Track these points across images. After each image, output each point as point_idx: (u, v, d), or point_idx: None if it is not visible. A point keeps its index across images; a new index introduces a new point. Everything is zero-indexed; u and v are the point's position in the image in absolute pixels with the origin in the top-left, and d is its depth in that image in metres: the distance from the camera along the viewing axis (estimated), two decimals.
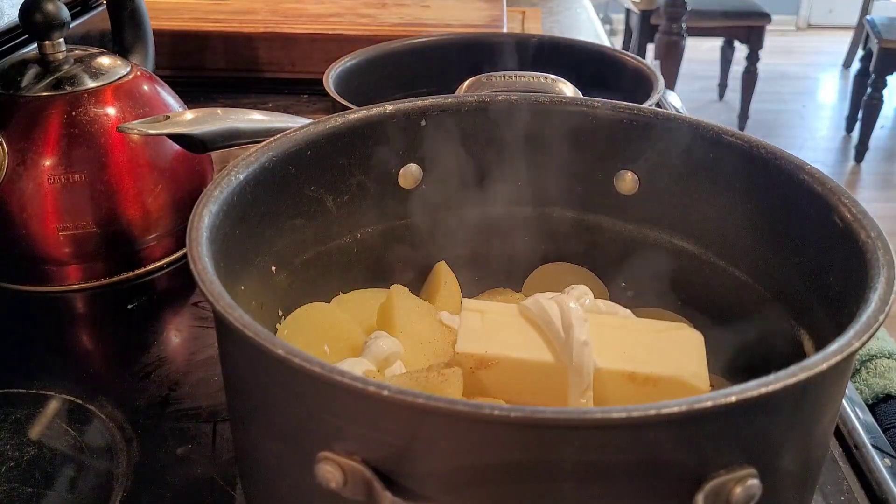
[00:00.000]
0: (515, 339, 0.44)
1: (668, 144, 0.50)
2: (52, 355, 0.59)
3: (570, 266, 0.57)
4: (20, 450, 0.50)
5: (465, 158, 0.54)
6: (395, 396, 0.29)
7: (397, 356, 0.48)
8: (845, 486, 0.49)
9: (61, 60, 0.66)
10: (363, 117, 0.50)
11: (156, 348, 0.59)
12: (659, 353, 0.44)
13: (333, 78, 0.71)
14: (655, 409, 0.28)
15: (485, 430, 0.29)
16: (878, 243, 0.38)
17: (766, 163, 0.46)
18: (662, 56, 2.84)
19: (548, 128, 0.53)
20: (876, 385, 0.72)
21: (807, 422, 0.33)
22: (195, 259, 0.36)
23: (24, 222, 0.63)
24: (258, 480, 0.39)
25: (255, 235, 0.45)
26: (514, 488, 0.30)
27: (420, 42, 0.81)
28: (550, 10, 1.43)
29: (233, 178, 0.43)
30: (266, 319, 0.48)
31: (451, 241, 0.56)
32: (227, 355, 0.38)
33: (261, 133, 0.55)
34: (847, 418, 0.54)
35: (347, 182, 0.51)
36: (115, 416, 0.52)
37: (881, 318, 0.33)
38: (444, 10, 1.14)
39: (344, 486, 0.31)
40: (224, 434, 0.51)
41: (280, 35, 1.05)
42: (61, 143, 0.62)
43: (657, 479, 0.30)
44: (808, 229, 0.43)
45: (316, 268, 0.51)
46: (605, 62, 0.78)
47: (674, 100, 1.11)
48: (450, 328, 0.51)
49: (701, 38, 3.51)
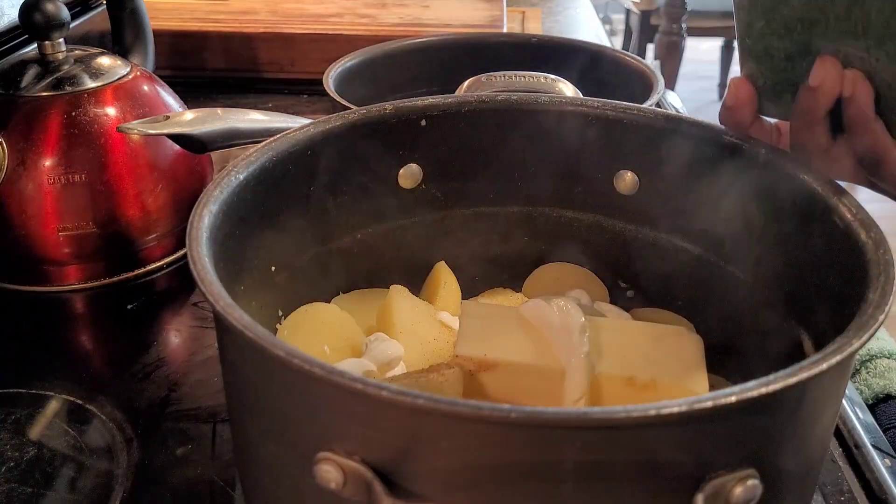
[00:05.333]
0: (514, 342, 0.44)
1: (669, 144, 0.50)
2: (52, 355, 0.59)
3: (570, 266, 0.57)
4: (20, 450, 0.50)
5: (464, 158, 0.54)
6: (395, 397, 0.29)
7: (399, 360, 0.48)
8: (845, 486, 0.49)
9: (61, 60, 0.66)
10: (363, 117, 0.50)
11: (155, 348, 0.59)
12: (658, 358, 0.44)
13: (333, 78, 0.71)
14: (655, 410, 0.28)
15: (485, 431, 0.29)
16: (878, 243, 0.38)
17: (767, 163, 0.46)
18: (662, 56, 2.84)
19: (548, 128, 0.53)
20: (876, 385, 0.72)
21: (807, 422, 0.33)
22: (195, 259, 0.36)
23: (24, 222, 0.63)
24: (258, 480, 0.39)
25: (255, 235, 0.45)
26: (515, 489, 0.30)
27: (420, 42, 0.81)
28: (550, 10, 1.43)
29: (233, 178, 0.43)
30: (266, 319, 0.48)
31: (451, 241, 0.56)
32: (227, 355, 0.38)
33: (261, 133, 0.55)
34: (847, 418, 0.54)
35: (347, 182, 0.51)
36: (115, 416, 0.52)
37: (881, 318, 0.33)
38: (444, 10, 1.14)
39: (344, 486, 0.31)
40: (224, 434, 0.51)
41: (280, 35, 1.05)
42: (61, 144, 0.62)
43: (657, 479, 0.30)
44: (808, 229, 0.43)
45: (316, 268, 0.51)
46: (605, 62, 0.78)
47: (674, 100, 1.11)
48: (450, 329, 0.51)
49: (701, 38, 3.51)
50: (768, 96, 0.47)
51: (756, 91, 0.47)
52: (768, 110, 0.48)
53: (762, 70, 0.47)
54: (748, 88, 0.47)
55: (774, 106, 0.47)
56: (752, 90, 0.47)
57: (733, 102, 0.47)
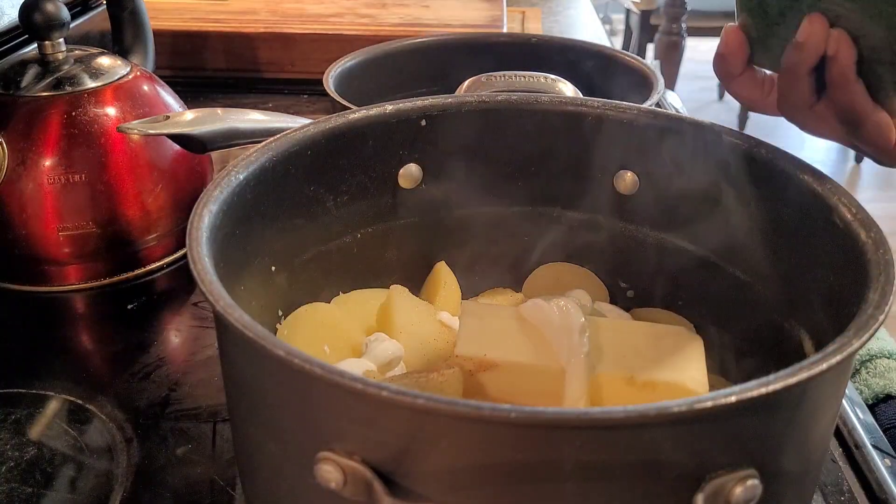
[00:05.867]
0: (514, 342, 0.44)
1: (669, 144, 0.50)
2: (52, 355, 0.59)
3: (570, 266, 0.57)
4: (20, 450, 0.50)
5: (464, 158, 0.54)
6: (394, 397, 0.29)
7: (399, 360, 0.48)
8: (845, 486, 0.49)
9: (61, 60, 0.66)
10: (363, 117, 0.50)
11: (156, 348, 0.59)
12: (658, 358, 0.44)
13: (333, 78, 0.71)
14: (655, 409, 0.28)
15: (485, 431, 0.29)
16: (878, 243, 0.38)
17: (766, 163, 0.46)
18: (662, 56, 2.85)
19: (548, 128, 0.53)
20: (876, 385, 0.72)
21: (807, 422, 0.33)
22: (195, 259, 0.36)
23: (24, 222, 0.63)
24: (258, 480, 0.39)
25: (255, 235, 0.45)
26: (514, 488, 0.30)
27: (420, 42, 0.81)
28: (550, 10, 1.43)
29: (233, 178, 0.43)
30: (266, 319, 0.48)
31: (451, 241, 0.56)
32: (227, 355, 0.38)
33: (261, 133, 0.55)
34: (847, 418, 0.54)
35: (347, 182, 0.51)
36: (115, 416, 0.52)
37: (881, 318, 0.33)
38: (444, 10, 1.14)
39: (344, 486, 0.31)
40: (224, 434, 0.51)
41: (280, 35, 1.05)
42: (61, 144, 0.62)
43: (657, 479, 0.30)
44: (808, 229, 0.43)
45: (316, 268, 0.51)
46: (605, 62, 0.78)
47: (674, 100, 1.11)
48: (450, 329, 0.51)
49: (701, 38, 3.51)
50: (760, 48, 0.48)
51: (749, 41, 0.48)
52: (760, 61, 0.48)
53: (755, 23, 0.47)
54: (740, 37, 0.48)
55: (766, 58, 0.48)
56: (744, 39, 0.48)
57: (725, 49, 0.48)
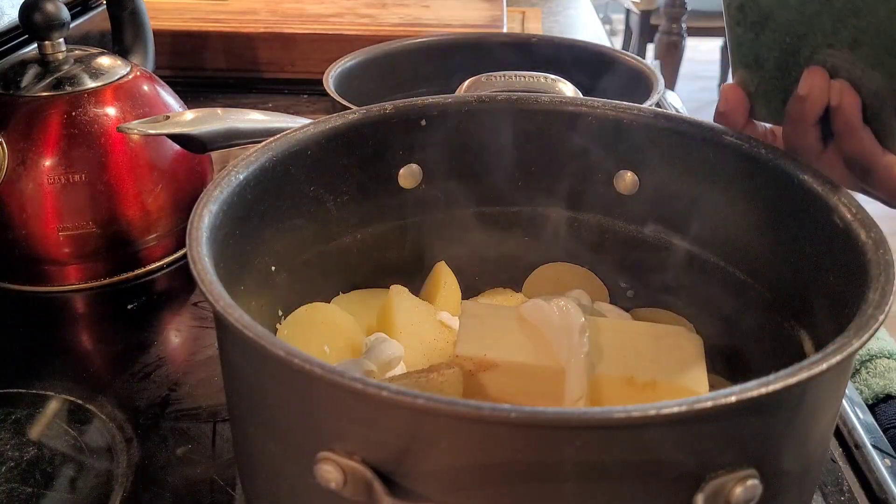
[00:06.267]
0: (514, 342, 0.44)
1: (668, 144, 0.50)
2: (52, 355, 0.59)
3: (570, 266, 0.57)
4: (20, 450, 0.50)
5: (464, 158, 0.54)
6: (394, 397, 0.29)
7: (399, 360, 0.48)
8: (845, 486, 0.49)
9: (61, 60, 0.66)
10: (363, 117, 0.50)
11: (156, 348, 0.59)
12: (658, 358, 0.44)
13: (333, 78, 0.71)
14: (655, 409, 0.28)
15: (485, 431, 0.29)
16: (878, 243, 0.38)
17: (766, 163, 0.46)
18: (662, 56, 2.84)
19: (548, 128, 0.53)
20: (876, 385, 0.72)
21: (807, 422, 0.33)
22: (195, 259, 0.36)
23: (24, 222, 0.63)
24: (258, 480, 0.39)
25: (255, 235, 0.45)
26: (514, 489, 0.30)
27: (420, 42, 0.81)
28: (550, 10, 1.43)
29: (233, 178, 0.43)
30: (266, 319, 0.48)
31: (451, 241, 0.56)
32: (227, 355, 0.38)
33: (261, 133, 0.55)
34: (847, 418, 0.54)
35: (347, 182, 0.51)
36: (115, 416, 0.52)
37: (881, 318, 0.33)
38: (444, 10, 1.14)
39: (344, 486, 0.31)
40: (224, 434, 0.51)
41: (280, 35, 1.05)
42: (61, 144, 0.62)
43: (657, 479, 0.30)
44: (808, 229, 0.43)
45: (316, 268, 0.51)
46: (605, 62, 0.78)
47: (674, 100, 1.11)
48: (450, 329, 0.51)
49: (701, 38, 3.51)
50: (760, 101, 0.48)
51: (748, 96, 0.48)
52: (761, 115, 0.48)
53: (753, 77, 0.47)
54: (739, 94, 0.48)
55: (767, 111, 0.48)
56: (744, 95, 0.48)
57: (725, 108, 0.48)
